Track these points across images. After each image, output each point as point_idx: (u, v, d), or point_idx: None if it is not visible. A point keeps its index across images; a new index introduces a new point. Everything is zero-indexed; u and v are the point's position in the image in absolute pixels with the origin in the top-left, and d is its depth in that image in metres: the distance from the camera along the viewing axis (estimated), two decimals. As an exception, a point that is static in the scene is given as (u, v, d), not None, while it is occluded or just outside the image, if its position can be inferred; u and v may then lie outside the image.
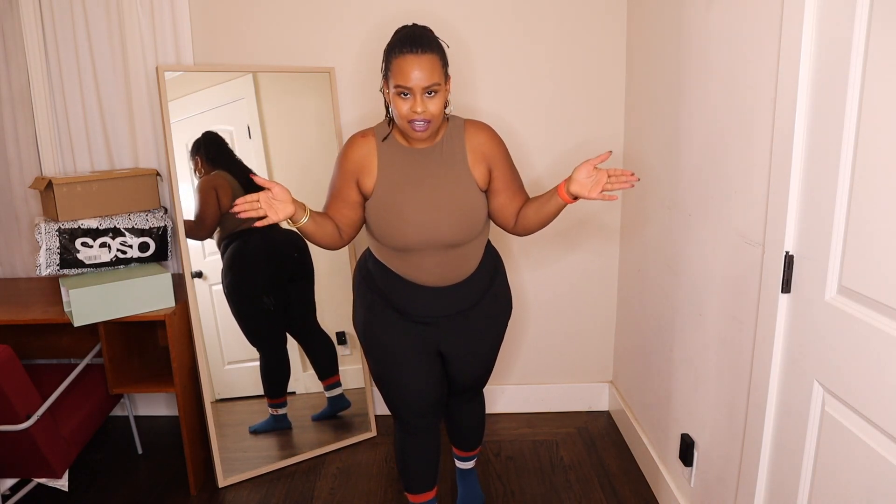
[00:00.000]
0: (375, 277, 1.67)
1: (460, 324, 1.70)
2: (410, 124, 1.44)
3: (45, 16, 2.34)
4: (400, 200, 1.53)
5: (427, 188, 1.53)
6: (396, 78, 1.42)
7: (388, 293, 1.66)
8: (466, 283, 1.65)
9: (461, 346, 1.74)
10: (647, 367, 2.27)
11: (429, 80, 1.41)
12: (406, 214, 1.52)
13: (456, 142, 1.56)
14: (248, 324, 2.36)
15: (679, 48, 1.87)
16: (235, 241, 2.28)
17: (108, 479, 2.35)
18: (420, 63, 1.40)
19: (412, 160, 1.55)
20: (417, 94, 1.41)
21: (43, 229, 2.10)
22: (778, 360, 1.38)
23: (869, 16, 1.06)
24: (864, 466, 1.12)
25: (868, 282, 1.09)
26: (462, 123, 1.59)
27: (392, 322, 1.67)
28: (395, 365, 1.69)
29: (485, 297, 1.70)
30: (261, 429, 2.42)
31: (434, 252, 1.57)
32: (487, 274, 1.70)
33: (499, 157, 1.58)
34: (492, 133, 1.60)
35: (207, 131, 2.26)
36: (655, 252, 2.14)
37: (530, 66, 2.43)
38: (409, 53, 1.40)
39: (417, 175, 1.54)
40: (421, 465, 1.83)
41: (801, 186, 1.27)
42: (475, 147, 1.56)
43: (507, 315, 1.81)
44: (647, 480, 2.25)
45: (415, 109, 1.42)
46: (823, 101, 1.19)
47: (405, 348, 1.68)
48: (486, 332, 1.76)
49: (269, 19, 2.39)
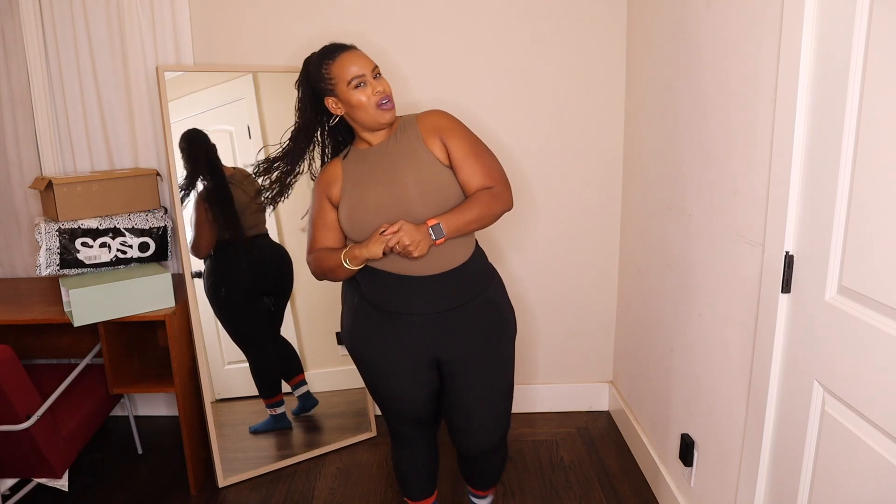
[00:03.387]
0: (360, 280, 1.59)
1: (451, 324, 1.55)
2: (379, 107, 1.50)
3: (45, 16, 2.34)
4: (362, 188, 1.53)
5: (387, 172, 1.52)
6: (345, 76, 1.49)
7: (373, 292, 1.56)
8: (455, 275, 1.53)
9: (457, 351, 1.57)
10: (647, 367, 2.27)
11: (370, 64, 1.51)
12: (371, 198, 1.51)
13: (409, 129, 1.57)
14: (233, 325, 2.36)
15: (679, 48, 1.87)
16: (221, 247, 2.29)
17: (108, 479, 2.35)
18: (354, 55, 1.51)
19: (371, 156, 1.57)
20: (370, 77, 1.50)
21: (43, 229, 2.10)
22: (778, 360, 1.38)
23: (869, 15, 1.06)
24: (864, 466, 1.12)
25: (868, 282, 1.09)
26: (414, 115, 1.61)
27: (378, 326, 1.57)
28: (383, 376, 1.61)
29: (479, 298, 1.58)
30: (261, 429, 2.42)
31: None
32: (480, 275, 1.60)
33: (450, 130, 1.55)
34: (441, 112, 1.60)
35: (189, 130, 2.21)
36: (655, 252, 2.14)
37: (530, 66, 2.43)
38: (341, 53, 1.51)
39: (377, 165, 1.55)
40: (419, 475, 1.81)
41: (801, 186, 1.27)
42: (426, 126, 1.56)
43: (510, 331, 1.66)
44: (647, 480, 2.25)
45: (376, 90, 1.50)
46: (823, 101, 1.19)
47: (393, 358, 1.58)
48: (484, 340, 1.59)
49: (268, 19, 2.39)
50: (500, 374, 1.64)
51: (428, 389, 1.64)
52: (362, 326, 1.60)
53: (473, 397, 1.61)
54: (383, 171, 1.53)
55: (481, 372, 1.60)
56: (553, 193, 2.53)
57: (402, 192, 1.48)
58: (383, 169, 1.53)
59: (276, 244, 2.39)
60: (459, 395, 1.62)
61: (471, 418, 1.64)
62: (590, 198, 2.55)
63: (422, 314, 1.54)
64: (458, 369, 1.59)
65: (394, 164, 1.52)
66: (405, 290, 1.53)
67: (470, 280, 1.57)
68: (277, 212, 2.38)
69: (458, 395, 1.62)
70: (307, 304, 2.50)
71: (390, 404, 1.67)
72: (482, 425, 1.65)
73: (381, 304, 1.56)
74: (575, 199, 2.55)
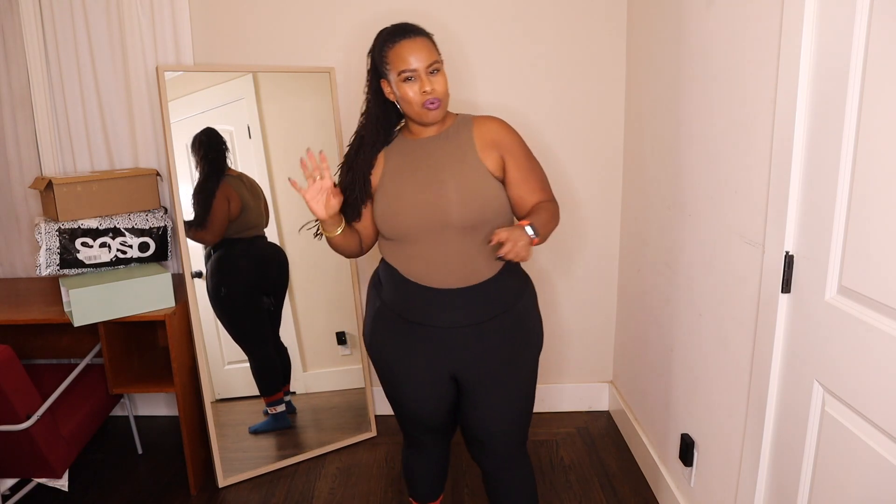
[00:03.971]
0: (384, 283, 1.56)
1: (472, 340, 1.49)
2: (424, 106, 1.42)
3: (45, 16, 2.34)
4: (402, 184, 1.47)
5: (431, 168, 1.46)
6: (398, 65, 1.41)
7: (396, 299, 1.52)
8: (480, 291, 1.47)
9: (475, 369, 1.51)
10: (647, 367, 2.27)
11: (429, 59, 1.41)
12: (409, 194, 1.45)
13: (463, 131, 1.50)
14: (234, 325, 2.36)
15: (679, 48, 1.86)
16: (223, 246, 2.31)
17: (108, 479, 2.35)
18: (415, 45, 1.41)
19: (417, 148, 1.50)
20: (422, 74, 1.40)
21: (43, 229, 2.10)
22: (778, 360, 1.38)
23: (869, 15, 1.06)
24: (864, 466, 1.12)
25: (868, 282, 1.09)
26: (471, 118, 1.54)
27: (398, 333, 1.53)
28: (400, 383, 1.57)
29: (504, 315, 1.50)
30: (261, 429, 2.42)
31: (442, 239, 1.44)
32: (509, 289, 1.53)
33: (512, 146, 1.50)
34: (503, 123, 1.53)
35: (208, 128, 2.25)
36: (655, 252, 2.14)
37: (529, 66, 2.43)
38: (404, 39, 1.42)
39: (421, 160, 1.48)
40: (427, 479, 1.79)
41: (801, 186, 1.27)
42: (484, 134, 1.49)
43: (534, 349, 1.58)
44: (647, 480, 2.25)
45: (424, 89, 1.40)
46: (823, 101, 1.19)
47: (411, 368, 1.53)
48: (505, 359, 1.52)
49: (268, 19, 2.39)
50: (520, 390, 1.58)
51: (445, 401, 1.59)
52: (382, 332, 1.56)
53: (489, 414, 1.56)
54: (426, 170, 1.47)
55: (501, 389, 1.54)
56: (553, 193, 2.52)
57: (443, 196, 1.42)
58: (427, 166, 1.47)
59: (274, 244, 2.40)
60: (475, 410, 1.56)
61: (486, 432, 1.58)
62: (590, 197, 2.55)
63: (444, 327, 1.49)
64: (477, 386, 1.53)
65: (439, 163, 1.46)
66: (429, 302, 1.48)
67: (497, 295, 1.50)
68: (278, 213, 2.38)
69: (474, 410, 1.56)
70: (307, 304, 2.50)
71: (405, 412, 1.63)
72: (498, 440, 1.59)
73: (403, 313, 1.52)
74: (575, 199, 2.55)
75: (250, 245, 2.36)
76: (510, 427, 1.59)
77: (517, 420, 1.60)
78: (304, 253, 2.46)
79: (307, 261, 2.47)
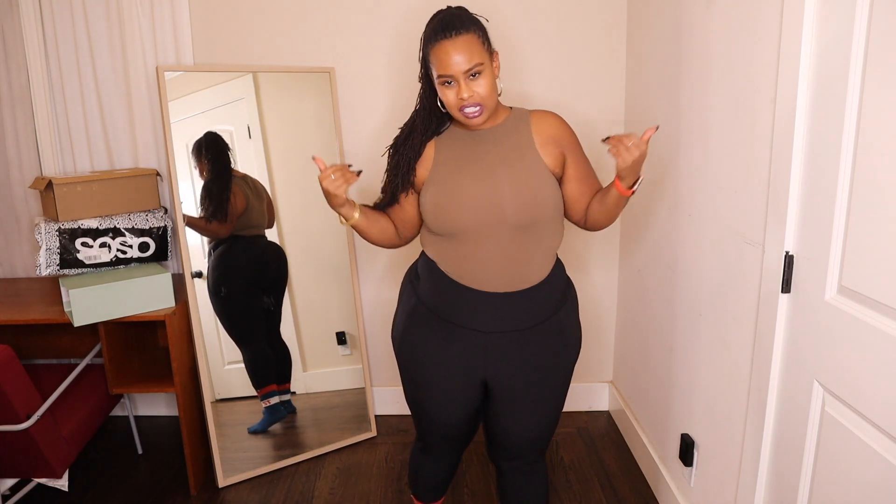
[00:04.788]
0: (423, 280, 1.50)
1: (512, 347, 1.44)
2: (462, 112, 1.36)
3: (45, 16, 2.34)
4: (455, 178, 1.41)
5: (486, 163, 1.40)
6: (437, 68, 1.34)
7: (435, 298, 1.46)
8: (526, 296, 1.42)
9: (510, 377, 1.47)
10: (647, 367, 2.27)
11: (468, 63, 1.32)
12: (462, 189, 1.39)
13: (521, 126, 1.44)
14: (230, 320, 2.37)
15: (679, 47, 1.86)
16: (223, 244, 2.32)
17: (108, 479, 2.35)
18: (456, 47, 1.31)
19: (470, 141, 1.45)
20: (461, 80, 1.33)
21: (43, 229, 2.10)
22: (778, 360, 1.38)
23: (869, 15, 1.06)
24: (864, 466, 1.12)
25: (868, 282, 1.09)
26: (527, 112, 1.48)
27: (433, 333, 1.47)
28: (429, 386, 1.51)
29: (547, 322, 1.46)
30: (259, 429, 2.42)
31: (494, 238, 1.39)
32: (553, 296, 1.47)
33: (572, 143, 1.45)
34: (561, 119, 1.48)
35: (209, 132, 2.26)
36: (655, 252, 2.14)
37: (529, 65, 2.43)
38: (444, 39, 1.32)
39: (475, 153, 1.43)
40: (435, 482, 1.76)
41: (801, 186, 1.27)
42: (543, 129, 1.44)
43: (572, 356, 1.54)
44: (647, 480, 2.25)
45: (461, 96, 1.33)
46: (823, 101, 1.19)
47: (442, 369, 1.48)
48: (543, 367, 1.47)
49: (269, 19, 2.39)
50: (552, 400, 1.54)
51: (471, 407, 1.55)
52: (416, 331, 1.50)
53: (520, 421, 1.53)
54: (481, 164, 1.41)
55: (533, 398, 1.50)
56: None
57: (497, 193, 1.37)
58: (482, 161, 1.41)
59: (274, 243, 2.40)
60: (503, 416, 1.53)
61: (511, 438, 1.55)
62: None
63: (485, 332, 1.43)
64: (508, 391, 1.49)
65: (495, 158, 1.41)
66: (471, 304, 1.42)
67: (541, 302, 1.45)
68: (278, 213, 2.38)
69: (502, 414, 1.53)
70: (307, 303, 2.50)
71: (428, 416, 1.57)
72: (522, 444, 1.56)
73: (441, 313, 1.46)
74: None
75: (251, 243, 2.37)
76: (536, 435, 1.56)
77: (544, 428, 1.56)
78: (305, 252, 2.46)
79: (307, 260, 2.47)
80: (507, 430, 1.55)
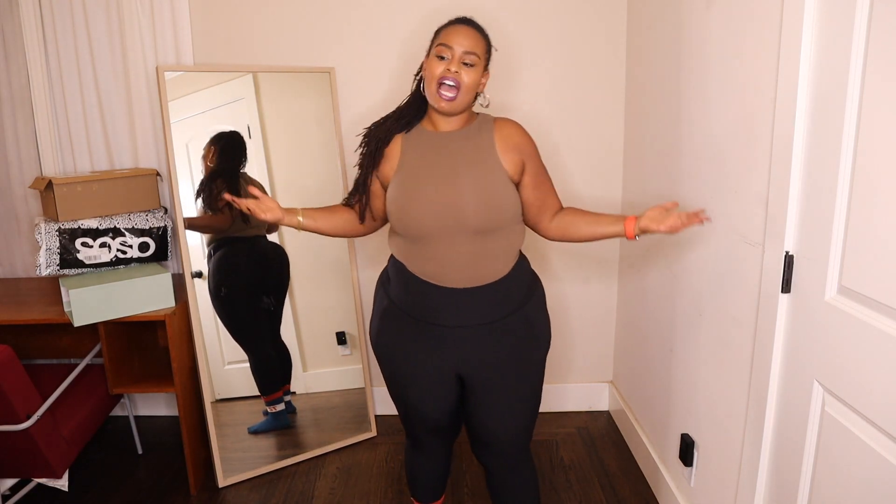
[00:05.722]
0: (393, 282, 1.56)
1: (482, 341, 1.49)
2: (439, 88, 1.42)
3: (45, 16, 2.34)
4: (419, 179, 1.46)
5: (448, 167, 1.45)
6: (440, 38, 1.45)
7: (405, 297, 1.52)
8: (492, 290, 1.47)
9: (482, 370, 1.51)
10: (647, 367, 2.27)
11: (470, 47, 1.43)
12: (425, 193, 1.44)
13: (484, 131, 1.50)
14: (234, 323, 2.36)
15: (679, 48, 1.87)
16: (224, 245, 2.31)
17: (108, 479, 2.35)
18: (466, 33, 1.44)
19: (436, 142, 1.50)
20: (456, 57, 1.42)
21: (43, 229, 2.10)
22: (778, 360, 1.38)
23: (869, 15, 1.06)
24: (864, 466, 1.12)
25: (868, 282, 1.09)
26: (491, 119, 1.54)
27: (405, 331, 1.53)
28: (407, 383, 1.57)
29: (514, 315, 1.51)
30: (260, 429, 2.42)
31: (456, 240, 1.44)
32: (519, 289, 1.53)
33: (531, 151, 1.52)
34: (522, 128, 1.55)
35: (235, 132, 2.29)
36: (655, 252, 2.14)
37: (528, 65, 2.43)
38: (459, 24, 1.46)
39: (439, 156, 1.48)
40: (430, 479, 1.79)
41: (801, 186, 1.27)
42: (505, 137, 1.49)
43: (542, 350, 1.59)
44: (647, 480, 2.25)
45: (449, 68, 1.42)
46: (823, 101, 1.19)
47: (417, 365, 1.53)
48: (513, 360, 1.52)
49: (269, 19, 2.39)
50: (526, 391, 1.58)
51: (450, 401, 1.59)
52: (388, 331, 1.56)
53: (496, 414, 1.56)
54: (443, 167, 1.46)
55: (507, 390, 1.54)
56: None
57: (458, 197, 1.42)
58: (445, 165, 1.46)
59: (274, 244, 2.40)
60: (481, 409, 1.57)
61: (491, 432, 1.59)
62: (590, 197, 2.55)
63: (453, 326, 1.49)
64: (481, 386, 1.54)
65: (456, 161, 1.46)
66: (439, 301, 1.48)
67: (505, 296, 1.50)
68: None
69: (479, 409, 1.57)
70: (307, 304, 2.50)
71: (411, 411, 1.63)
72: (503, 439, 1.59)
73: (411, 311, 1.52)
74: (575, 199, 2.54)
75: (251, 244, 2.37)
76: (515, 428, 1.59)
77: (522, 421, 1.60)
78: (305, 252, 2.46)
79: (307, 260, 2.47)
80: (485, 424, 1.58)
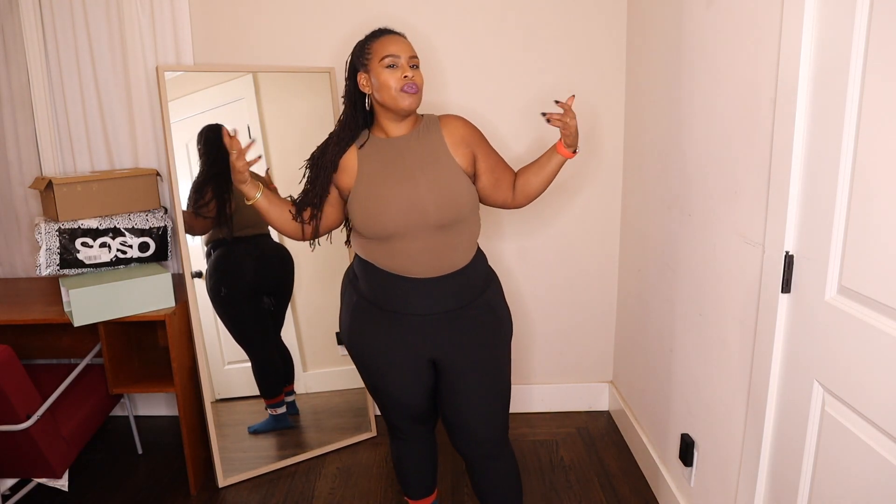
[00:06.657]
0: (360, 279, 1.62)
1: (450, 327, 1.57)
2: (403, 91, 1.48)
3: (45, 16, 2.34)
4: (380, 186, 1.52)
5: (406, 170, 1.52)
6: (381, 52, 1.49)
7: (374, 291, 1.58)
8: (456, 278, 1.56)
9: (453, 355, 1.59)
10: (647, 367, 2.27)
11: (411, 52, 1.51)
12: (387, 197, 1.50)
13: (433, 131, 1.58)
14: (235, 325, 2.36)
15: (679, 48, 1.87)
16: (223, 245, 2.30)
17: (108, 479, 2.35)
18: (400, 39, 1.52)
19: (390, 149, 1.56)
20: (405, 62, 1.49)
21: (43, 229, 2.10)
22: (778, 360, 1.38)
23: (869, 15, 1.06)
24: (864, 466, 1.12)
25: (868, 282, 1.09)
26: (436, 118, 1.62)
27: (376, 323, 1.59)
28: (380, 374, 1.63)
29: (477, 301, 1.60)
30: (261, 429, 2.42)
31: (419, 237, 1.51)
32: (479, 277, 1.63)
33: (478, 141, 1.61)
34: (466, 121, 1.63)
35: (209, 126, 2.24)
36: (655, 252, 2.14)
37: (529, 65, 2.43)
38: (388, 35, 1.52)
39: (396, 161, 1.54)
40: (418, 472, 1.82)
41: (801, 186, 1.27)
42: (452, 132, 1.58)
43: (507, 332, 1.67)
44: (647, 480, 2.25)
45: (405, 74, 1.48)
46: (823, 101, 1.19)
47: (390, 357, 1.59)
48: (481, 344, 1.60)
49: (268, 19, 2.39)
50: (495, 375, 1.65)
51: (424, 387, 1.66)
52: (360, 325, 1.61)
53: (468, 397, 1.62)
54: (401, 169, 1.52)
55: (476, 373, 1.61)
56: (553, 193, 2.53)
57: (419, 197, 1.49)
58: (401, 166, 1.53)
59: (277, 244, 2.39)
60: (455, 394, 1.63)
61: (466, 417, 1.64)
62: (590, 197, 2.55)
63: (420, 315, 1.56)
64: (453, 370, 1.61)
65: (412, 164, 1.53)
66: (404, 291, 1.54)
67: (468, 284, 1.59)
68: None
69: (453, 394, 1.63)
70: (307, 304, 2.50)
71: (387, 401, 1.69)
72: (478, 424, 1.65)
73: (379, 303, 1.58)
74: (575, 199, 2.55)
75: (252, 244, 2.35)
76: (488, 411, 1.65)
77: (495, 404, 1.66)
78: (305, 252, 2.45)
79: (307, 260, 2.47)
80: (459, 409, 1.64)
